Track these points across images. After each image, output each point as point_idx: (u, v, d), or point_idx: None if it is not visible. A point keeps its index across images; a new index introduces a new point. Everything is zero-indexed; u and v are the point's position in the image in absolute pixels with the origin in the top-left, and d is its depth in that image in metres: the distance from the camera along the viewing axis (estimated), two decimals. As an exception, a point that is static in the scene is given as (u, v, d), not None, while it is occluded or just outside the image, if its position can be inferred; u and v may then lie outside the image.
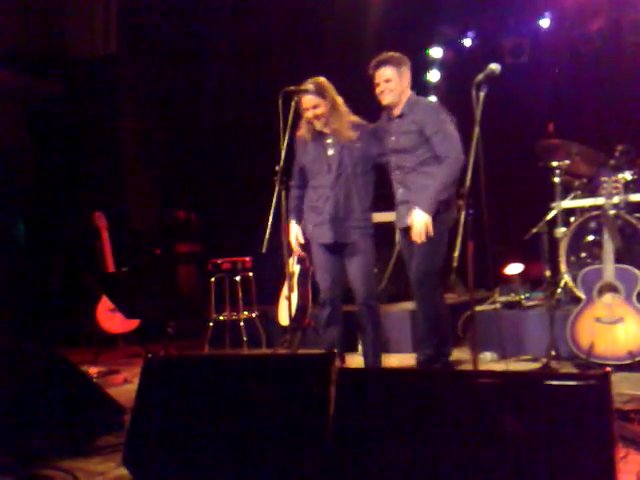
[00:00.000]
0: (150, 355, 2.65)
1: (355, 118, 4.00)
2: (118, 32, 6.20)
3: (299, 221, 4.14)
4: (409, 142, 3.87)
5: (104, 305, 5.62)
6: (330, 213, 3.94)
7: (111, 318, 5.59)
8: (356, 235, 3.96)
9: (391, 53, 3.90)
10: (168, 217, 6.89)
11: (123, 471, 2.53)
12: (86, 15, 6.54)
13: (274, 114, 3.36)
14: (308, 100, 3.85)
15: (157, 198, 7.08)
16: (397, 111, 3.94)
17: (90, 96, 6.83)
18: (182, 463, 2.40)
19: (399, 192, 4.00)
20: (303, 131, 4.01)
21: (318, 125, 3.92)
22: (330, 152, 3.95)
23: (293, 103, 3.43)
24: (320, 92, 3.85)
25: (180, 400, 2.49)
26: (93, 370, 4.58)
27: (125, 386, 4.37)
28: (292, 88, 3.47)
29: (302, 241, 4.14)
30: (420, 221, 3.72)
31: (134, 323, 5.53)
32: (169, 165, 7.02)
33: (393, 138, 3.96)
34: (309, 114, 3.88)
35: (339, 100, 3.94)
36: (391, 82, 3.87)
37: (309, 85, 3.82)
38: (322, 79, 3.93)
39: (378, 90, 3.91)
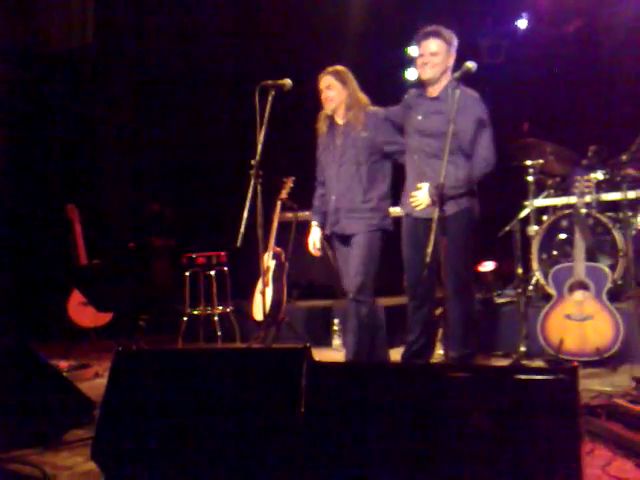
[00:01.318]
0: (121, 348, 2.63)
1: (373, 108, 3.96)
2: (95, 23, 6.12)
3: (321, 223, 4.10)
4: (438, 125, 3.53)
5: (75, 298, 5.56)
6: (333, 205, 3.94)
7: (83, 311, 5.54)
8: (357, 227, 3.87)
9: (442, 27, 3.66)
10: (143, 210, 6.83)
11: (91, 465, 2.50)
12: (63, 5, 6.45)
13: (251, 108, 3.34)
14: (324, 80, 3.91)
15: (132, 191, 7.01)
16: (434, 92, 3.70)
17: (65, 87, 6.75)
18: (151, 458, 2.38)
19: (411, 178, 3.75)
20: (320, 122, 4.03)
21: (328, 109, 3.93)
22: (338, 142, 3.96)
23: (270, 97, 3.41)
24: (338, 76, 3.89)
25: (151, 394, 2.47)
26: (63, 364, 4.53)
27: (96, 380, 4.33)
28: (269, 82, 3.44)
29: (319, 246, 4.12)
30: (424, 197, 3.60)
31: (106, 317, 5.48)
32: (144, 158, 6.95)
33: (420, 117, 3.71)
34: (323, 95, 3.93)
35: (358, 92, 3.94)
36: (437, 56, 3.62)
37: (327, 69, 3.92)
38: (344, 68, 3.98)
39: (420, 62, 3.68)
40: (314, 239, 4.14)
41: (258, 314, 4.95)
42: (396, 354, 4.21)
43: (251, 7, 6.56)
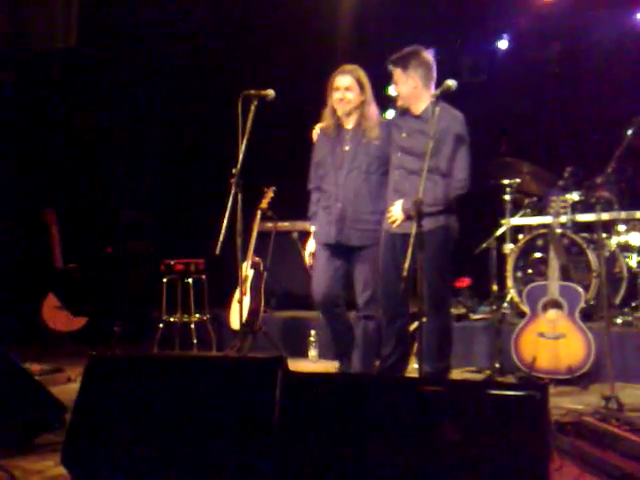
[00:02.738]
0: (94, 353, 2.62)
1: (384, 117, 3.89)
2: (79, 25, 6.10)
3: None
4: (421, 145, 3.50)
5: (50, 302, 5.51)
6: (338, 212, 3.78)
7: (57, 315, 5.48)
8: (363, 239, 3.79)
9: (400, 53, 3.71)
10: (121, 216, 6.80)
11: (61, 470, 2.48)
12: (46, 6, 6.42)
13: (233, 116, 3.35)
14: (343, 80, 3.75)
15: (110, 196, 6.96)
16: (417, 110, 3.71)
17: (45, 89, 6.70)
18: (121, 464, 2.37)
19: (390, 194, 3.75)
20: (325, 125, 3.89)
21: (340, 110, 3.79)
22: (346, 148, 3.82)
23: (253, 106, 3.42)
24: (358, 78, 3.77)
25: (123, 400, 2.46)
26: (36, 367, 4.47)
27: (69, 385, 4.29)
28: (252, 92, 3.46)
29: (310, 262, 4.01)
30: (398, 213, 3.61)
31: (80, 321, 5.43)
32: (124, 163, 6.92)
33: (404, 135, 3.72)
34: (338, 95, 3.76)
35: (371, 96, 3.82)
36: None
37: (346, 68, 3.79)
38: (361, 69, 3.83)
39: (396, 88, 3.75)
40: (311, 250, 4.01)
41: (235, 323, 4.94)
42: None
43: (236, 19, 6.59)
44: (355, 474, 2.02)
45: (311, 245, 4.03)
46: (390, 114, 3.95)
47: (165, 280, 5.44)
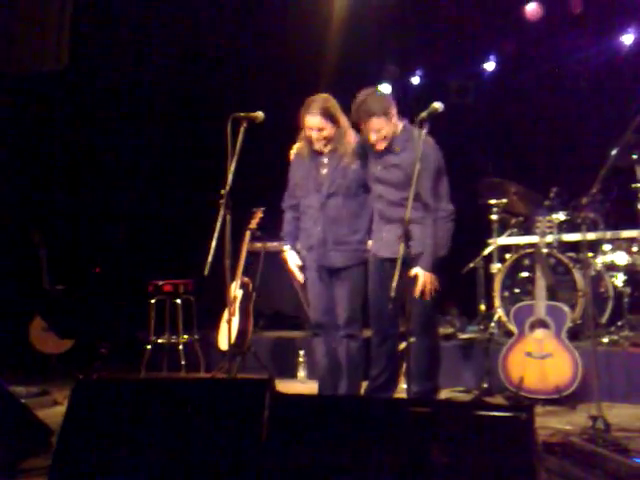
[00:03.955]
0: (81, 376, 2.61)
1: (359, 138, 3.82)
2: (70, 47, 6.13)
3: (295, 247, 3.96)
4: (398, 178, 3.60)
5: (38, 324, 5.48)
6: (318, 236, 3.80)
7: (44, 337, 5.45)
8: (346, 260, 3.79)
9: (368, 103, 3.65)
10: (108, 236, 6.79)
11: (48, 494, 2.46)
12: (38, 28, 6.45)
13: (222, 137, 3.38)
14: (313, 121, 3.72)
15: (99, 216, 6.95)
16: (381, 146, 3.69)
17: (36, 111, 6.71)
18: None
19: (380, 224, 3.76)
20: (301, 147, 3.89)
21: (318, 146, 3.78)
22: (324, 171, 3.81)
23: (242, 129, 3.45)
24: (327, 115, 3.72)
25: (110, 424, 2.45)
26: (22, 390, 4.44)
27: (55, 408, 4.25)
28: (241, 114, 3.49)
29: (300, 264, 3.94)
30: (425, 281, 3.56)
31: (68, 344, 5.40)
32: (112, 185, 6.91)
33: (378, 168, 3.73)
34: (312, 135, 3.75)
35: (345, 122, 3.79)
36: (382, 130, 3.65)
37: (313, 107, 3.72)
38: (329, 100, 3.78)
39: (372, 139, 3.68)
40: (295, 262, 3.96)
41: (224, 344, 4.93)
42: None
43: (226, 34, 6.64)
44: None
45: (294, 259, 3.97)
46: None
47: (153, 301, 5.43)
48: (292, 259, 3.97)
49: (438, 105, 3.28)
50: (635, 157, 4.68)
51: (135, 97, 6.73)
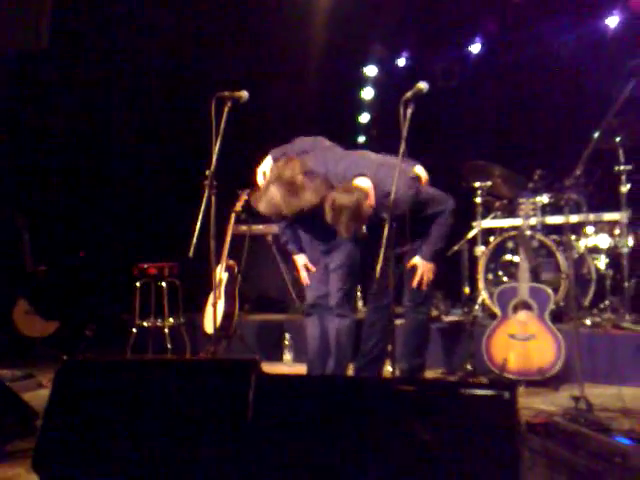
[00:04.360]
0: (66, 357, 2.59)
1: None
2: (50, 28, 6.04)
3: (300, 248, 3.95)
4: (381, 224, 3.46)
5: (21, 308, 5.44)
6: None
7: (29, 321, 5.41)
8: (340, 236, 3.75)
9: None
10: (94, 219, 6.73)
11: (33, 477, 2.46)
12: (18, 8, 6.35)
13: (206, 118, 3.35)
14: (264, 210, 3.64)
15: (83, 199, 6.89)
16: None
17: (14, 92, 6.62)
18: (93, 468, 2.35)
19: None
20: None
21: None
22: None
23: (226, 108, 3.42)
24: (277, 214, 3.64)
25: (95, 405, 2.44)
26: (7, 374, 4.42)
27: (40, 391, 4.24)
28: (226, 93, 3.45)
29: (311, 267, 3.93)
30: (424, 271, 3.70)
31: (52, 326, 5.37)
32: (95, 166, 6.85)
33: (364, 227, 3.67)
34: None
35: (298, 182, 3.53)
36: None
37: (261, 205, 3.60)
38: (275, 198, 3.53)
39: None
40: (303, 262, 3.96)
41: (209, 327, 4.92)
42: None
43: (208, 16, 6.58)
44: (326, 474, 2.04)
45: (302, 261, 3.97)
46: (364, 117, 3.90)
47: (138, 284, 5.40)
48: (301, 261, 3.98)
49: (423, 85, 3.28)
50: (618, 140, 4.71)
51: (119, 78, 6.66)
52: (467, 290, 5.29)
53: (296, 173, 3.52)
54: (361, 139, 7.65)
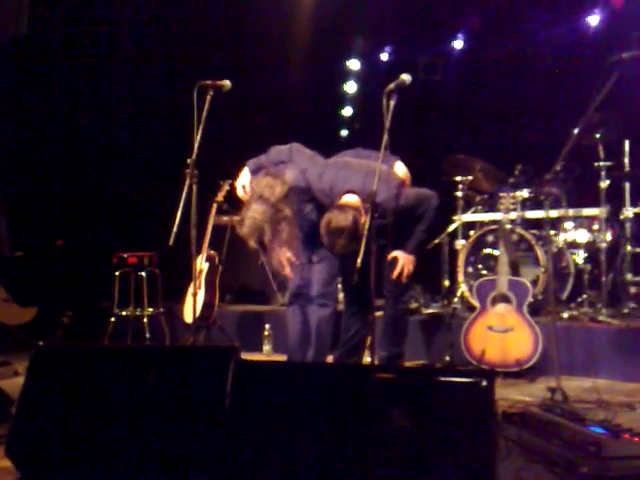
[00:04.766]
0: (41, 344, 2.56)
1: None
2: (30, 12, 5.96)
3: None
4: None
5: (-2, 294, 5.37)
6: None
7: (6, 309, 5.34)
8: None
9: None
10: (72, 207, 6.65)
11: (6, 462, 2.44)
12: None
13: (188, 106, 3.33)
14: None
15: (62, 187, 6.81)
16: None
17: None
18: (68, 456, 2.34)
19: None
20: None
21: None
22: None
23: (208, 97, 3.40)
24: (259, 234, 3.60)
25: (70, 391, 2.42)
26: (-18, 361, 4.37)
27: (15, 379, 4.20)
28: (208, 82, 3.44)
29: (296, 262, 3.85)
30: (405, 263, 3.72)
31: (30, 314, 5.30)
32: (76, 153, 6.77)
33: None
34: None
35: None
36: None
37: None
38: (258, 217, 3.53)
39: None
40: (288, 256, 3.87)
41: (189, 317, 4.91)
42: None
43: (195, 10, 6.54)
44: (305, 460, 2.04)
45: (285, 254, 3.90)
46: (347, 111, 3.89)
47: (117, 273, 5.36)
48: (285, 254, 3.92)
49: (406, 77, 3.29)
50: (598, 136, 4.76)
51: (99, 65, 6.59)
52: (447, 283, 5.32)
53: (277, 193, 3.52)
54: (344, 132, 7.66)
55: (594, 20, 6.12)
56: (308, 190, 3.68)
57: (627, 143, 4.92)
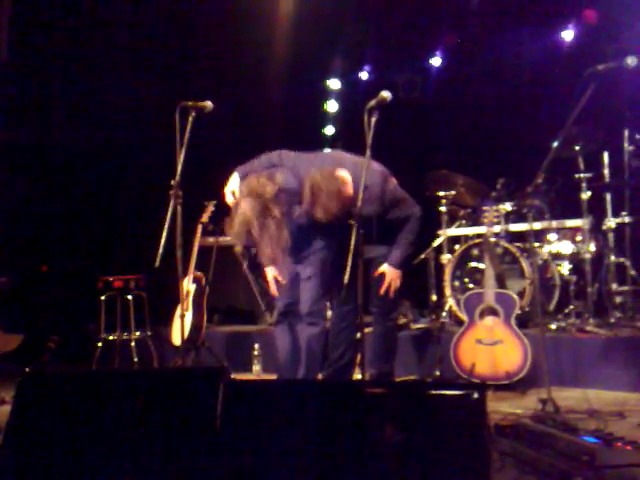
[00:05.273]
0: (27, 370, 2.53)
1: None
2: (9, 40, 5.96)
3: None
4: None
5: (-17, 322, 5.30)
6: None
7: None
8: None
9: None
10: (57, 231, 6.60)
11: (-5, 492, 2.39)
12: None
13: (171, 128, 3.34)
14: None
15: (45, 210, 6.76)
16: None
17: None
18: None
19: None
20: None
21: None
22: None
23: (190, 118, 3.42)
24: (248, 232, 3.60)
25: (58, 418, 2.39)
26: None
27: (2, 407, 4.14)
28: (189, 103, 3.45)
29: (283, 281, 3.88)
30: (392, 278, 3.74)
31: (15, 341, 5.23)
32: (56, 178, 6.73)
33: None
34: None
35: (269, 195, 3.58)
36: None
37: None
38: (247, 212, 3.53)
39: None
40: (274, 275, 3.94)
41: (177, 339, 4.86)
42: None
43: (176, 29, 6.57)
44: (298, 479, 2.02)
45: (272, 272, 3.94)
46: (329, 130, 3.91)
47: (103, 297, 5.32)
48: (272, 272, 3.95)
49: (386, 94, 3.33)
50: (577, 148, 4.82)
51: (81, 88, 6.58)
52: (434, 298, 5.34)
53: (267, 191, 3.52)
54: (327, 151, 7.69)
55: (568, 35, 6.24)
56: (298, 193, 3.65)
57: (606, 155, 4.99)
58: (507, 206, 5.10)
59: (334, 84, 7.55)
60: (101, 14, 6.32)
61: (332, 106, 7.61)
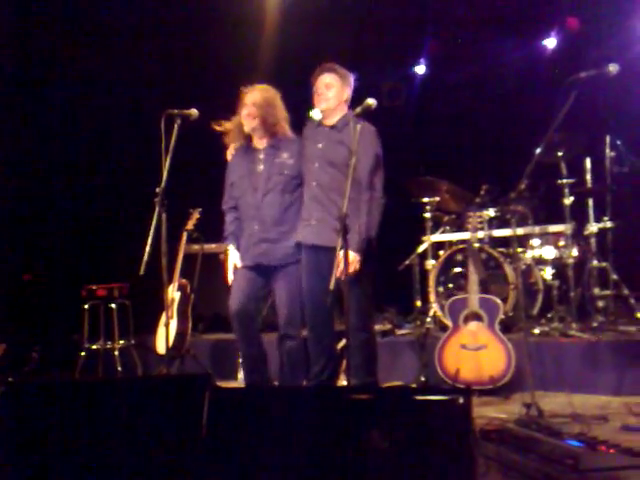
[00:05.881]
0: (10, 380, 2.51)
1: (290, 134, 3.87)
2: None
3: (238, 247, 3.91)
4: (340, 155, 3.63)
5: (-35, 332, 5.24)
6: (256, 234, 3.79)
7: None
8: (284, 258, 3.78)
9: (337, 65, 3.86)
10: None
11: (-23, 503, 2.37)
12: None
13: (156, 135, 3.33)
14: (251, 97, 3.84)
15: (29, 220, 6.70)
16: (330, 121, 3.79)
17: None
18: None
19: (312, 207, 3.74)
20: (237, 145, 3.91)
21: (247, 127, 3.82)
22: (260, 168, 3.82)
23: (176, 126, 3.41)
24: (267, 99, 3.86)
25: (42, 428, 2.37)
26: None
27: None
28: (175, 111, 3.45)
29: (239, 265, 3.87)
30: (352, 261, 3.52)
31: (-1, 350, 5.19)
32: (41, 184, 6.69)
33: (320, 146, 3.76)
34: (245, 110, 3.83)
35: (284, 118, 3.88)
36: (332, 89, 3.79)
37: (254, 90, 3.88)
38: (267, 91, 3.92)
39: (317, 96, 3.80)
40: (234, 261, 3.91)
41: (162, 347, 4.84)
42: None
43: (162, 38, 6.57)
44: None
45: (234, 258, 3.94)
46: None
47: (87, 306, 5.28)
48: (233, 258, 3.93)
49: (372, 101, 3.35)
50: (560, 154, 4.87)
51: (66, 95, 6.54)
52: (419, 303, 5.36)
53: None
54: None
55: (551, 43, 6.31)
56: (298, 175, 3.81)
57: (588, 160, 5.04)
58: (491, 212, 5.15)
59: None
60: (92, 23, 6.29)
61: (317, 114, 7.62)
